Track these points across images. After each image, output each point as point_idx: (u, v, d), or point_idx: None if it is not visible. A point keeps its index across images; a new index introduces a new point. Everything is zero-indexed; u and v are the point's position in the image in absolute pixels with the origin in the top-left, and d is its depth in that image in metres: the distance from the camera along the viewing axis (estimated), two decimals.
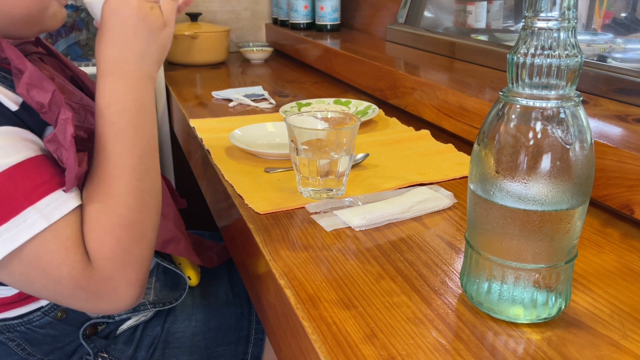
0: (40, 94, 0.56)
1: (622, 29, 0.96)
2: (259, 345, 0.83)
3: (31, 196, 0.53)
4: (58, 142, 0.55)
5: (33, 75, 0.57)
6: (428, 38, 1.34)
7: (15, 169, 0.53)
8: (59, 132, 0.55)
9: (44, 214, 0.53)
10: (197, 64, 1.73)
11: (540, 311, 0.46)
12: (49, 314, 0.68)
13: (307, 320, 0.48)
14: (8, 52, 0.59)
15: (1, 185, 0.52)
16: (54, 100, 0.57)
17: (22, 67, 0.58)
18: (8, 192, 0.52)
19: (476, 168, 0.45)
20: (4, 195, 0.52)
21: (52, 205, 0.54)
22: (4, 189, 0.52)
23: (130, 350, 0.75)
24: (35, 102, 0.56)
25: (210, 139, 0.96)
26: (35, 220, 0.53)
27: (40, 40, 0.72)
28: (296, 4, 1.76)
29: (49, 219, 0.53)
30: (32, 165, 0.54)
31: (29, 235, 0.52)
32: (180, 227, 0.82)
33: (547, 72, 0.41)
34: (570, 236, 0.44)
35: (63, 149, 0.55)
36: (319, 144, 0.69)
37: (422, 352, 0.44)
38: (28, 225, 0.52)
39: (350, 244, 0.61)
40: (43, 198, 0.53)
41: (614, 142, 0.65)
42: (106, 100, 0.59)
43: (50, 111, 0.57)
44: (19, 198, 0.52)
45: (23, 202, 0.52)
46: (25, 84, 0.56)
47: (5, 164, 0.52)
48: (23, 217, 0.52)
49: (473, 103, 0.89)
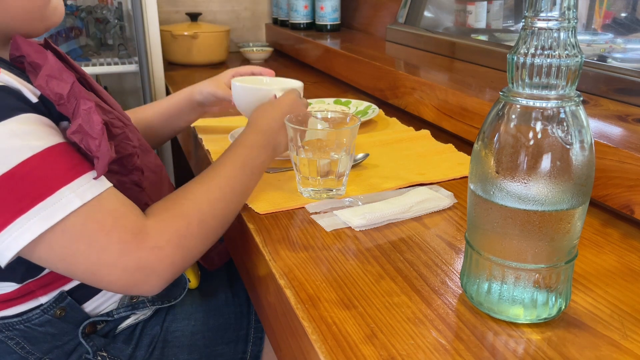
0: (59, 85, 0.58)
1: (622, 29, 0.96)
2: (258, 344, 0.83)
3: (65, 177, 0.55)
4: (84, 132, 0.57)
5: (54, 67, 0.59)
6: (428, 38, 1.34)
7: (49, 152, 0.55)
8: (84, 122, 0.57)
9: (78, 194, 0.55)
10: (197, 64, 1.73)
11: (540, 311, 0.46)
12: (48, 311, 0.68)
13: (307, 320, 0.48)
14: (26, 48, 0.60)
15: (36, 165, 0.54)
16: (72, 92, 0.58)
17: (40, 62, 0.59)
18: (43, 172, 0.54)
19: (476, 168, 0.45)
20: (39, 175, 0.54)
21: (85, 186, 0.56)
22: (39, 169, 0.54)
23: (130, 349, 0.75)
24: (53, 93, 0.58)
25: (210, 139, 0.96)
26: (70, 199, 0.54)
27: (49, 43, 0.73)
28: (296, 4, 1.76)
29: (84, 198, 0.55)
30: (63, 150, 0.56)
31: (64, 213, 0.54)
32: None
33: (547, 72, 0.41)
34: (571, 236, 0.44)
35: (90, 138, 0.57)
36: (319, 144, 0.69)
37: (422, 352, 0.44)
38: (63, 204, 0.54)
39: (350, 244, 0.61)
40: (76, 179, 0.55)
41: (614, 142, 0.65)
42: (241, 140, 0.72)
43: (69, 102, 0.58)
44: (53, 178, 0.54)
45: (58, 182, 0.54)
46: (46, 75, 0.58)
47: (39, 146, 0.54)
48: (59, 196, 0.54)
49: (473, 103, 0.89)
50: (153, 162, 0.76)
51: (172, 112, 0.99)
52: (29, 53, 0.60)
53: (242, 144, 0.72)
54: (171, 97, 1.00)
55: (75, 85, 0.59)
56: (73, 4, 1.69)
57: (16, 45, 0.60)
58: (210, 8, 1.95)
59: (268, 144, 0.72)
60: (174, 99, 0.99)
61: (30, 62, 0.60)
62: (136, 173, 0.69)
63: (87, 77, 0.75)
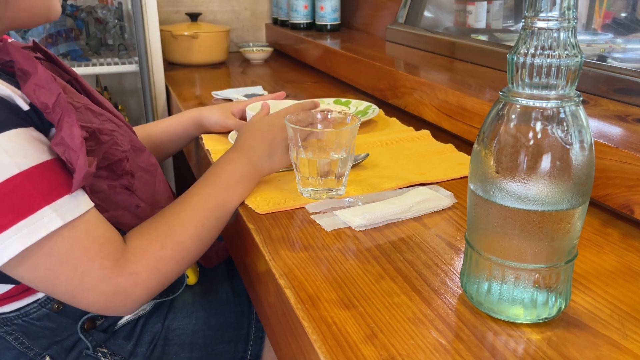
0: (45, 95, 0.58)
1: (622, 29, 0.96)
2: (259, 344, 0.84)
3: (48, 196, 0.55)
4: (66, 144, 0.57)
5: (42, 76, 0.59)
6: (428, 38, 1.34)
7: (35, 170, 0.55)
8: (66, 135, 0.57)
9: (60, 214, 0.55)
10: (197, 64, 1.73)
11: (540, 311, 0.46)
12: (45, 305, 0.68)
13: (307, 320, 0.48)
14: (16, 55, 0.60)
15: (20, 184, 0.54)
16: (58, 103, 0.58)
17: (31, 70, 0.59)
18: (26, 191, 0.54)
19: (476, 168, 0.45)
20: (22, 194, 0.54)
21: (67, 206, 0.56)
22: (22, 187, 0.54)
23: (130, 346, 0.75)
24: (39, 102, 0.58)
25: (210, 139, 0.96)
26: (52, 219, 0.55)
27: (38, 45, 0.73)
28: (296, 4, 1.76)
29: (65, 218, 0.55)
30: (48, 168, 0.56)
31: (45, 232, 0.54)
32: None
33: (547, 72, 0.41)
34: (570, 236, 0.44)
35: (71, 151, 0.57)
36: (319, 144, 0.69)
37: (422, 352, 0.44)
38: (44, 223, 0.54)
39: (350, 244, 0.61)
40: (58, 199, 0.56)
41: (614, 142, 0.65)
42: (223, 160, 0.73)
43: (54, 112, 0.58)
44: (36, 197, 0.54)
45: (40, 201, 0.54)
46: (34, 84, 0.58)
47: (25, 163, 0.54)
48: (40, 215, 0.54)
49: (473, 103, 0.89)
50: (146, 161, 0.76)
51: (179, 132, 1.01)
52: (18, 60, 0.60)
53: (216, 162, 0.73)
54: (178, 117, 1.02)
55: (61, 97, 0.59)
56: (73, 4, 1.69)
57: (6, 51, 0.60)
58: (210, 8, 1.95)
59: (245, 158, 0.73)
60: (181, 119, 1.02)
61: (19, 68, 0.60)
62: (126, 177, 0.69)
63: (79, 78, 0.75)
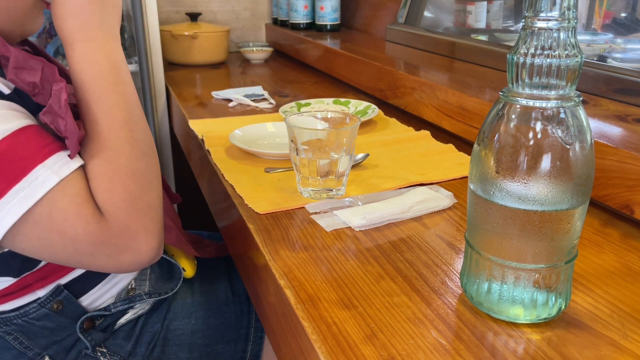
0: (30, 74, 0.58)
1: (622, 29, 0.96)
2: (259, 344, 0.84)
3: (38, 155, 0.54)
4: (54, 112, 0.56)
5: (18, 57, 0.58)
6: (428, 38, 1.34)
7: (20, 133, 0.54)
8: (54, 103, 0.56)
9: (54, 170, 0.55)
10: (197, 64, 1.72)
11: (540, 311, 0.46)
12: (45, 305, 0.68)
13: (307, 320, 0.48)
14: None
15: (9, 147, 0.53)
16: (44, 77, 0.58)
17: (7, 54, 0.58)
18: (16, 153, 0.54)
19: (476, 168, 0.45)
20: (13, 156, 0.54)
21: (59, 163, 0.55)
22: (12, 151, 0.54)
23: (130, 346, 0.75)
24: (26, 84, 0.57)
25: (210, 139, 0.96)
26: (47, 177, 0.54)
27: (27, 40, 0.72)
28: (296, 4, 1.76)
29: (60, 175, 0.55)
30: (33, 131, 0.56)
31: (43, 191, 0.54)
32: (173, 217, 0.82)
33: (547, 72, 0.41)
34: (570, 236, 0.44)
35: (59, 118, 0.56)
36: (319, 144, 0.69)
37: (422, 352, 0.44)
38: (40, 182, 0.54)
39: (350, 244, 0.61)
40: (50, 157, 0.55)
41: (614, 142, 0.65)
42: (80, 66, 0.60)
43: (44, 89, 0.58)
44: (28, 158, 0.54)
45: (32, 161, 0.54)
46: (13, 68, 0.57)
47: (9, 128, 0.54)
48: (34, 175, 0.54)
49: (473, 103, 0.89)
50: None
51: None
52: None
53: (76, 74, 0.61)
54: None
55: (45, 69, 0.58)
56: None
57: None
58: (210, 8, 1.95)
59: (92, 42, 0.61)
60: None
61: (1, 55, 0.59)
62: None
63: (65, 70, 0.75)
